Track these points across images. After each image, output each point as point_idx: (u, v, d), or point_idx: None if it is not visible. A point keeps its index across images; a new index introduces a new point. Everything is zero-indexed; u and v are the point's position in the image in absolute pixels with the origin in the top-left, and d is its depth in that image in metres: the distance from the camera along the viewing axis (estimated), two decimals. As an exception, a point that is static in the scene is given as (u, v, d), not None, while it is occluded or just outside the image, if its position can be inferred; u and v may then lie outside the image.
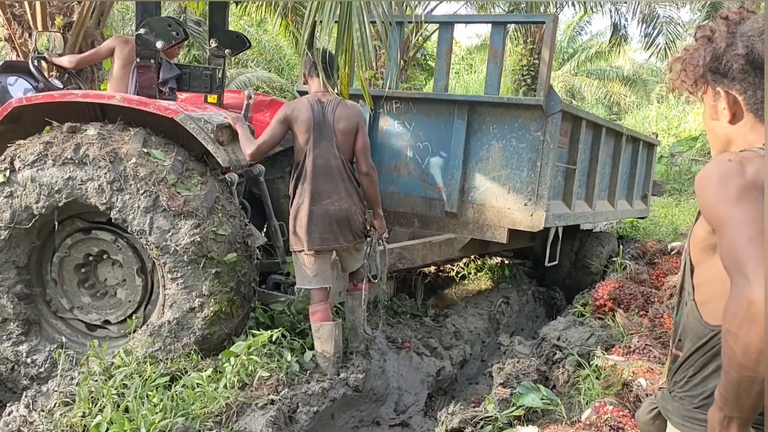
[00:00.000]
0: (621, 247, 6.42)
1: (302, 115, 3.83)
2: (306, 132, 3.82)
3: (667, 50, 15.10)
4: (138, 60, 4.17)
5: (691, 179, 14.54)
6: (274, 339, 3.71)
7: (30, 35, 7.06)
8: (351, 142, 3.92)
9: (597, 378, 3.57)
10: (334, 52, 4.14)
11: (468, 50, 28.52)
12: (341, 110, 3.89)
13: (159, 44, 4.10)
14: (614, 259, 6.10)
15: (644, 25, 14.83)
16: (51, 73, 6.56)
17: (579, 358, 3.84)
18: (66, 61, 4.93)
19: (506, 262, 6.75)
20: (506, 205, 4.99)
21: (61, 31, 6.86)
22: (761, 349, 1.15)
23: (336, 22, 4.27)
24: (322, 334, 3.81)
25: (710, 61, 1.45)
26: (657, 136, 8.37)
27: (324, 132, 3.84)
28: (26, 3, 6.95)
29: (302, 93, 5.63)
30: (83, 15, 7.04)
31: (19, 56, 7.10)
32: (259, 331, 3.77)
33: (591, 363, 3.74)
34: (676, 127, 20.39)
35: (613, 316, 4.48)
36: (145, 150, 3.69)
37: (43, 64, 5.00)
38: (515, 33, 18.97)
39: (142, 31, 4.10)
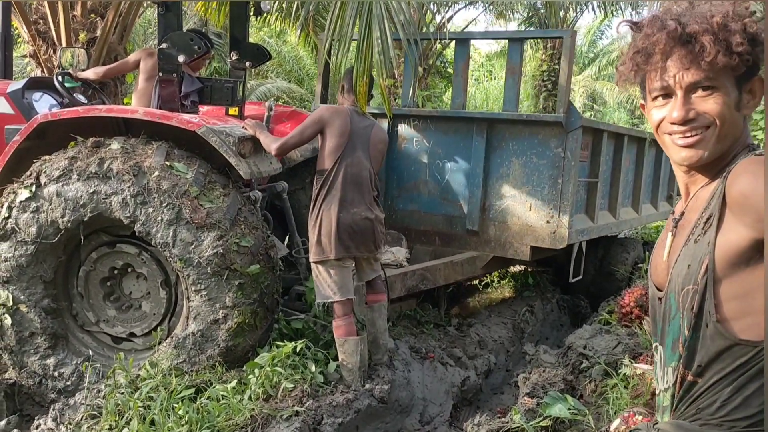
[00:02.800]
0: (647, 252, 6.34)
1: (340, 120, 3.86)
2: (341, 137, 3.83)
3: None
4: (160, 74, 4.21)
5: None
6: (298, 350, 3.71)
7: (54, 51, 7.19)
8: (379, 163, 4.10)
9: (625, 387, 3.51)
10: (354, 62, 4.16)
11: (488, 56, 28.48)
12: (378, 132, 4.07)
13: (181, 58, 4.14)
14: (640, 265, 6.02)
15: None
16: (75, 89, 6.69)
17: (606, 367, 3.79)
18: (92, 73, 5.01)
19: (529, 270, 6.69)
20: (528, 222, 4.95)
21: (85, 47, 6.97)
22: None
23: (355, 40, 4.30)
24: (347, 348, 3.79)
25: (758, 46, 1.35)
26: None
27: (360, 142, 3.88)
28: (50, 20, 7.07)
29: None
30: (106, 30, 7.15)
31: (44, 72, 7.23)
32: (283, 342, 3.77)
33: (618, 372, 3.69)
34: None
35: (640, 323, 4.41)
36: (167, 163, 3.72)
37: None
38: (534, 40, 18.90)
39: (164, 45, 4.14)
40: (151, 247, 3.84)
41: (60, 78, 4.82)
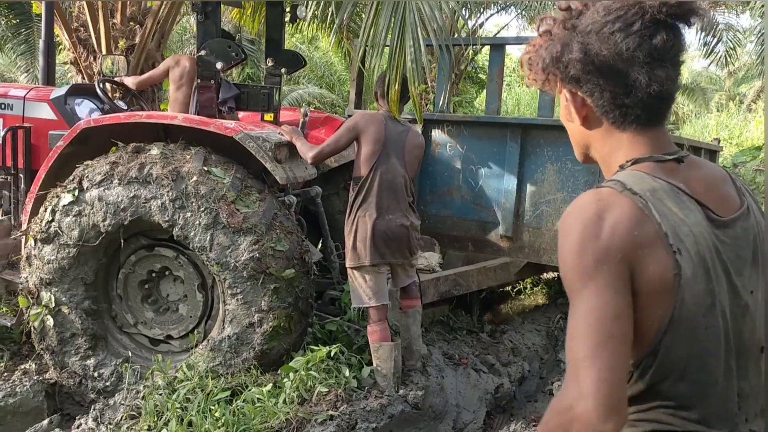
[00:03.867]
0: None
1: (375, 126, 3.87)
2: (375, 144, 3.84)
3: (728, 58, 14.69)
4: (198, 81, 4.28)
5: (756, 190, 14.05)
6: (332, 355, 3.73)
7: (95, 58, 7.37)
8: (414, 168, 4.08)
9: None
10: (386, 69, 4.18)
11: (519, 62, 28.30)
12: (414, 137, 4.07)
13: (219, 65, 4.20)
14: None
15: (703, 33, 14.46)
16: (115, 95, 6.83)
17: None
18: (130, 82, 5.12)
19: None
20: None
21: (124, 54, 7.13)
22: None
23: (387, 46, 4.33)
24: (381, 354, 3.80)
25: (550, 63, 1.25)
26: (719, 142, 8.10)
27: (395, 149, 3.89)
28: (91, 27, 7.25)
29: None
30: (145, 38, 7.31)
31: (84, 79, 7.41)
32: (317, 346, 3.79)
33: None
34: (738, 137, 19.77)
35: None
36: (205, 168, 3.78)
37: (108, 86, 5.18)
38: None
39: (203, 52, 4.21)
40: (189, 250, 3.90)
41: (101, 85, 4.93)
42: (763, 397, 1.26)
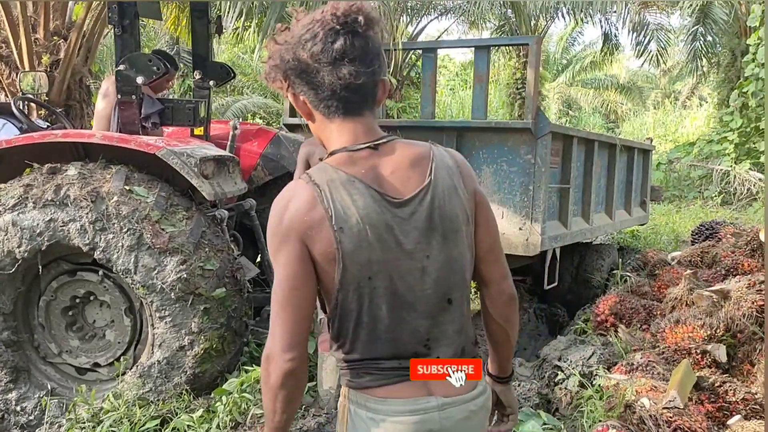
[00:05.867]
0: (621, 258, 6.32)
1: (319, 147, 3.89)
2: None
3: (659, 56, 15.10)
4: (119, 96, 4.12)
5: (691, 185, 14.44)
6: (267, 374, 3.61)
7: (17, 75, 7.06)
8: None
9: (600, 398, 3.46)
10: None
11: (462, 66, 28.62)
12: None
13: (139, 80, 4.05)
14: (615, 271, 6.00)
15: (635, 34, 14.84)
16: (39, 113, 6.57)
17: (581, 378, 3.74)
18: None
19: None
20: (501, 230, 4.86)
21: (48, 70, 6.87)
22: (273, 393, 1.48)
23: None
24: (328, 365, 3.70)
25: (270, 72, 1.54)
26: (651, 141, 8.29)
27: None
28: (12, 43, 6.96)
29: (288, 126, 5.61)
30: (70, 53, 7.07)
31: (7, 97, 7.10)
32: (253, 367, 3.67)
33: (593, 383, 3.64)
34: (673, 133, 20.35)
35: (615, 331, 4.38)
36: (127, 188, 3.63)
37: (29, 105, 4.96)
38: (507, 48, 19.01)
39: (121, 67, 4.05)
40: (113, 273, 3.74)
41: (18, 104, 4.71)
42: None
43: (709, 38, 14.73)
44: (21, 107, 4.72)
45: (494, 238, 1.66)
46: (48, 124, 5.33)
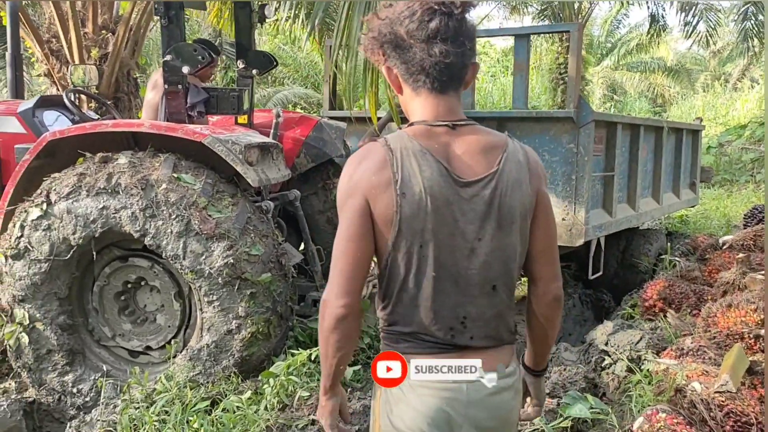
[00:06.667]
0: (670, 243, 6.20)
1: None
2: None
3: (709, 37, 14.66)
4: (166, 86, 4.20)
5: (742, 168, 14.03)
6: (312, 358, 3.67)
7: (68, 69, 7.25)
8: None
9: (648, 383, 3.41)
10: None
11: (504, 52, 28.27)
12: None
13: (185, 69, 4.12)
14: (663, 256, 5.88)
15: (683, 14, 14.43)
16: (90, 105, 6.74)
17: (629, 363, 3.69)
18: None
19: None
20: None
21: (97, 63, 7.03)
22: (325, 336, 1.57)
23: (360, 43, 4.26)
24: None
25: (369, 45, 1.63)
26: (701, 121, 8.07)
27: None
28: (62, 38, 7.15)
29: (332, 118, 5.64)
30: (118, 46, 7.22)
31: (59, 90, 7.31)
32: (299, 350, 3.73)
33: (642, 368, 3.59)
34: (724, 116, 19.75)
35: (664, 316, 4.30)
36: (175, 175, 3.71)
37: (80, 96, 5.09)
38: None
39: (168, 57, 4.12)
40: (163, 259, 3.83)
41: (69, 95, 4.84)
42: None
43: (761, 17, 14.24)
44: (72, 99, 4.84)
45: (551, 240, 1.72)
46: (98, 115, 5.47)
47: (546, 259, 1.71)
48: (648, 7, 15.83)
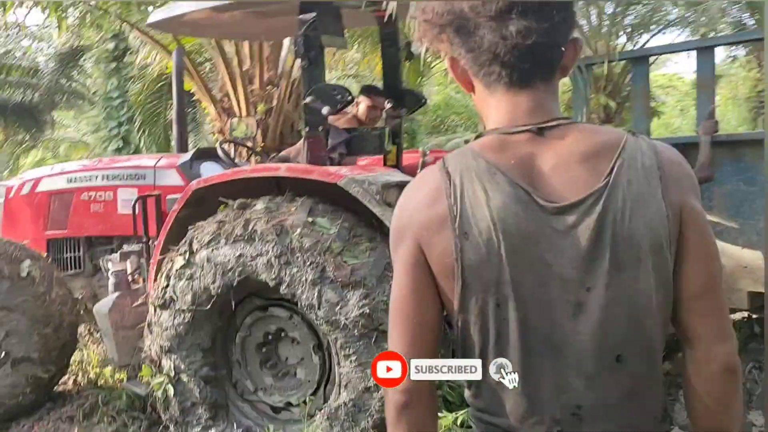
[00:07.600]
0: None
1: None
2: None
3: None
4: (307, 129, 4.08)
5: None
6: (459, 422, 3.22)
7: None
8: None
9: None
10: None
11: (693, 84, 26.20)
12: None
13: (325, 110, 3.97)
14: None
15: None
16: (256, 159, 6.95)
17: None
18: None
19: (754, 317, 5.55)
20: (742, 263, 4.03)
21: (263, 118, 7.29)
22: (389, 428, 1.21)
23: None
24: None
25: (428, 32, 1.20)
26: None
27: None
28: (232, 96, 7.52)
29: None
30: (281, 99, 7.45)
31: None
32: (444, 413, 3.30)
33: None
34: None
35: None
36: (309, 219, 3.52)
37: (233, 147, 5.18)
38: (746, 58, 17.01)
39: (308, 99, 4.01)
40: (301, 309, 3.62)
41: (223, 146, 4.92)
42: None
43: None
44: (226, 150, 4.91)
45: (710, 279, 1.15)
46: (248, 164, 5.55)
47: (704, 306, 1.15)
48: None
